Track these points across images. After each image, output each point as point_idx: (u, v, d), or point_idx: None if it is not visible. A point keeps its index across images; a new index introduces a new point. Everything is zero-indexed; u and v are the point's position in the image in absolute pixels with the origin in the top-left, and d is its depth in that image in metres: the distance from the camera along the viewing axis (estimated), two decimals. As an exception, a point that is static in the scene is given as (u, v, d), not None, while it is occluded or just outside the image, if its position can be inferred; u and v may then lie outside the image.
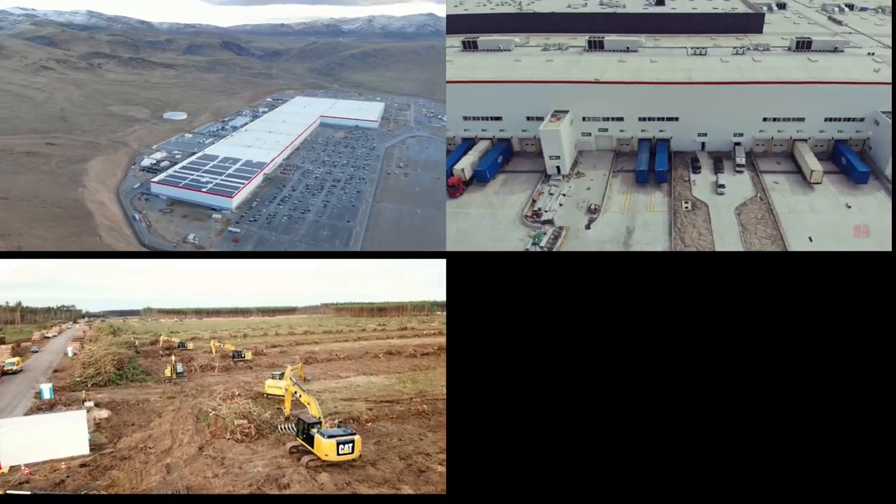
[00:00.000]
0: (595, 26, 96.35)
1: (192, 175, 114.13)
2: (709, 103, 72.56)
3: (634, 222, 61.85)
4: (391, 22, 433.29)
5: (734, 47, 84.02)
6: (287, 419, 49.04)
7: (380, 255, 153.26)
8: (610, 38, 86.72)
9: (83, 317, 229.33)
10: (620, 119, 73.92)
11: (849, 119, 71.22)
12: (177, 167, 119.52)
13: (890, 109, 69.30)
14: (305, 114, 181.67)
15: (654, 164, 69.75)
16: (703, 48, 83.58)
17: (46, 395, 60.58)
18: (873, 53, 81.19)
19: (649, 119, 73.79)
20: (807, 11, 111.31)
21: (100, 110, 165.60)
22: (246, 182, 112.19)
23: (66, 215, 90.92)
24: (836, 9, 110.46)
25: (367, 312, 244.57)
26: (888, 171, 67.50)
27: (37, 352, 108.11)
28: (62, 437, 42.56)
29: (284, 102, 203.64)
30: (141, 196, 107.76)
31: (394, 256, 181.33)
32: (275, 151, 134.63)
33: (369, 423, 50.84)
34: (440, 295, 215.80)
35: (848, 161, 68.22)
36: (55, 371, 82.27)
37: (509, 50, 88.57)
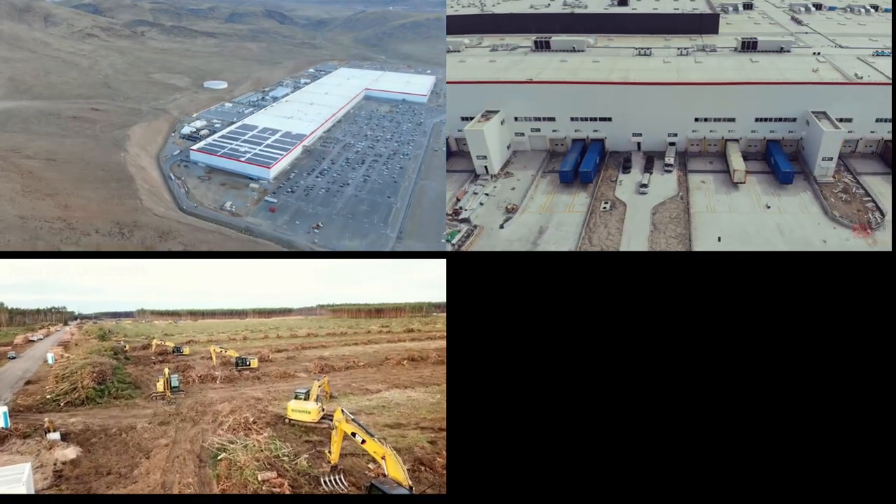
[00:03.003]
0: (556, 27, 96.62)
1: (230, 144, 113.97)
2: (642, 104, 72.35)
3: (549, 222, 61.99)
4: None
5: (679, 48, 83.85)
6: (334, 468, 36.20)
7: (379, 256, 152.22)
8: (557, 39, 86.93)
9: (75, 318, 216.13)
10: (552, 119, 74.04)
11: (780, 119, 70.71)
12: (216, 136, 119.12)
13: (821, 110, 69.05)
14: (349, 86, 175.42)
15: (582, 164, 69.80)
16: (649, 49, 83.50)
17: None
18: (818, 53, 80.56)
19: (582, 119, 73.80)
20: (772, 11, 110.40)
21: (142, 78, 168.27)
22: (284, 153, 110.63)
23: (109, 178, 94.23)
24: (803, 9, 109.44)
25: (364, 313, 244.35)
26: (817, 172, 67.03)
27: (14, 358, 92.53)
28: None
29: (327, 73, 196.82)
30: (180, 163, 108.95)
31: (394, 256, 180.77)
32: (315, 123, 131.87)
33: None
34: (435, 296, 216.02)
35: (774, 161, 67.77)
36: (28, 383, 68.84)
37: (458, 51, 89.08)
